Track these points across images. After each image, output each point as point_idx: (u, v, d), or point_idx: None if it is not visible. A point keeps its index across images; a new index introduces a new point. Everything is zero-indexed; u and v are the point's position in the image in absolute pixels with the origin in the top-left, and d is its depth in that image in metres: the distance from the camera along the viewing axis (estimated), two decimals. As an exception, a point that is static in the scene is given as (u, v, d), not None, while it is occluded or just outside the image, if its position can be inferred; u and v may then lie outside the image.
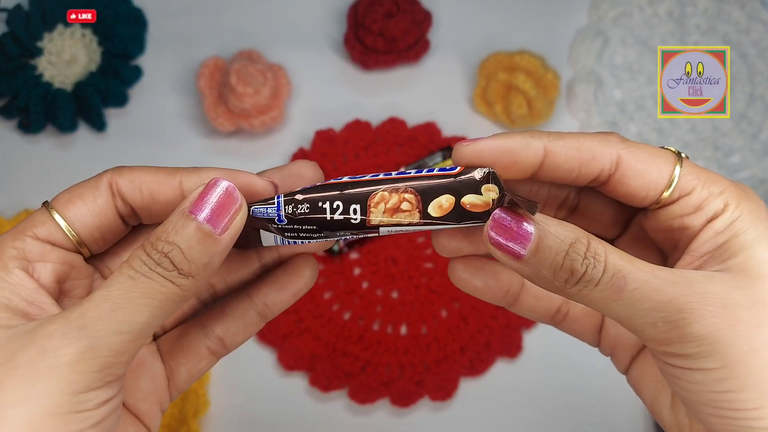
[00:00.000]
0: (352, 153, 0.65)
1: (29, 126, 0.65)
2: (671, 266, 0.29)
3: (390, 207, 0.29)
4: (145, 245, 0.27)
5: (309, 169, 0.32)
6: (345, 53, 0.68)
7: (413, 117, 0.66)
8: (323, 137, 0.65)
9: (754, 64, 0.66)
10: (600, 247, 0.27)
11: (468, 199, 0.29)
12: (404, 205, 0.29)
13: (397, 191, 0.29)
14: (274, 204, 0.30)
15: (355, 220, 0.29)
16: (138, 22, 0.68)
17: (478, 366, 0.59)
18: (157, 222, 0.31)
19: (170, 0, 0.70)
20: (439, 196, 0.29)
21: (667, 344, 0.27)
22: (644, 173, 0.29)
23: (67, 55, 0.66)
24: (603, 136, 0.29)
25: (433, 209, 0.29)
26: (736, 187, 0.29)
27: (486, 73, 0.65)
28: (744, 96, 0.66)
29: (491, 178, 0.29)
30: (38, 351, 0.25)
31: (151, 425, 0.32)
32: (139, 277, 0.27)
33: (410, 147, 0.65)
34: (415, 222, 0.29)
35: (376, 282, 0.62)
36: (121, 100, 0.66)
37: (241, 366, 0.59)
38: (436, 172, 0.29)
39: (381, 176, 0.30)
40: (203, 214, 0.28)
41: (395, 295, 0.62)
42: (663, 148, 0.30)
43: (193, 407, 0.57)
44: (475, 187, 0.29)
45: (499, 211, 0.28)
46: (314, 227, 0.30)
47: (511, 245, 0.27)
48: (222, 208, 0.28)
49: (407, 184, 0.29)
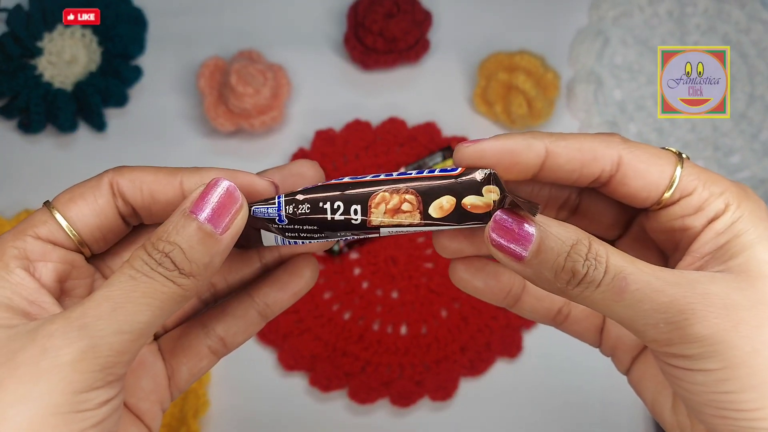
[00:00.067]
0: (352, 153, 0.65)
1: (29, 126, 0.65)
2: (672, 267, 0.29)
3: (391, 208, 0.29)
4: (146, 245, 0.27)
5: (310, 169, 0.32)
6: (345, 53, 0.68)
7: (413, 117, 0.66)
8: (323, 137, 0.65)
9: (754, 64, 0.66)
10: (601, 248, 0.27)
11: (469, 200, 0.29)
12: (405, 206, 0.29)
13: (397, 192, 0.29)
14: (274, 204, 0.30)
15: (355, 220, 0.29)
16: (138, 22, 0.68)
17: (478, 366, 0.59)
18: (157, 222, 0.31)
19: (170, 0, 0.70)
20: (439, 197, 0.29)
21: (668, 345, 0.27)
22: (645, 174, 0.29)
23: (68, 55, 0.66)
24: (604, 136, 0.29)
25: (434, 210, 0.29)
26: (737, 188, 0.29)
27: (486, 73, 0.65)
28: (744, 96, 0.66)
29: (492, 179, 0.29)
30: (39, 350, 0.25)
31: (152, 425, 0.32)
32: (141, 276, 0.27)
33: (410, 147, 0.65)
34: (415, 223, 0.29)
35: (376, 282, 0.62)
36: (121, 100, 0.66)
37: (241, 366, 0.59)
38: (437, 173, 0.29)
39: (382, 177, 0.30)
40: (204, 214, 0.28)
41: (395, 295, 0.62)
42: (664, 148, 0.30)
43: (193, 407, 0.57)
44: (476, 188, 0.29)
45: (500, 212, 0.28)
46: (315, 227, 0.30)
47: (512, 247, 0.27)
48: (223, 208, 0.28)
49: (408, 185, 0.29)
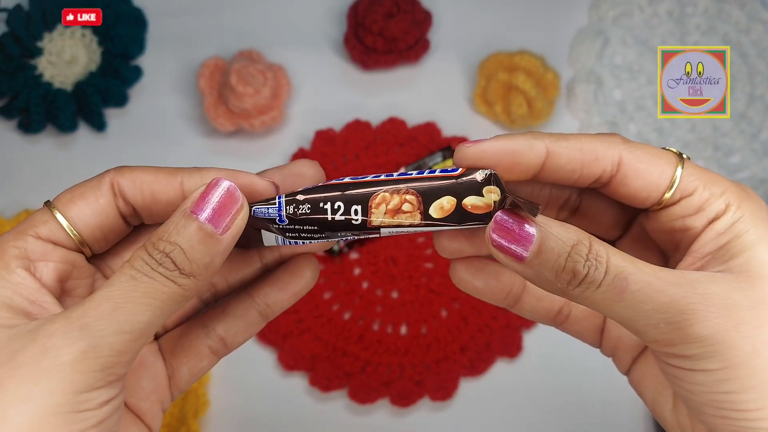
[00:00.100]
0: (352, 153, 0.65)
1: (29, 126, 0.65)
2: (673, 267, 0.29)
3: (391, 208, 0.29)
4: (146, 245, 0.27)
5: (310, 169, 0.32)
6: (345, 53, 0.68)
7: (413, 117, 0.66)
8: (323, 137, 0.65)
9: (754, 64, 0.67)
10: (602, 248, 0.27)
11: (469, 201, 0.29)
12: (405, 206, 0.29)
13: (398, 192, 0.29)
14: (275, 204, 0.30)
15: (356, 221, 0.29)
16: (138, 22, 0.68)
17: (478, 366, 0.59)
18: (158, 222, 0.31)
19: (170, 0, 0.70)
20: (440, 197, 0.29)
21: (669, 345, 0.27)
22: (646, 174, 0.29)
23: (68, 55, 0.66)
24: (605, 137, 0.29)
25: (435, 210, 0.29)
26: (738, 188, 0.29)
27: (486, 73, 0.65)
28: (744, 96, 0.66)
29: (493, 179, 0.29)
30: (40, 350, 0.25)
31: (153, 425, 0.32)
32: (141, 276, 0.27)
33: (410, 147, 0.65)
34: (416, 223, 0.29)
35: (376, 282, 0.62)
36: (121, 100, 0.66)
37: (241, 366, 0.59)
38: (437, 173, 0.29)
39: (382, 177, 0.30)
40: (205, 214, 0.28)
41: (395, 295, 0.62)
42: (664, 149, 0.30)
43: (193, 407, 0.57)
44: (476, 189, 0.29)
45: (500, 213, 0.28)
46: (315, 228, 0.30)
47: (513, 247, 0.27)
48: (223, 208, 0.28)
49: (409, 186, 0.29)
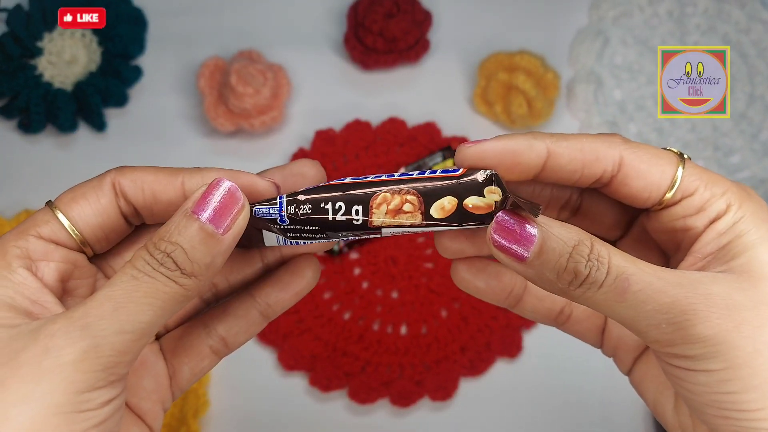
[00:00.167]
0: (352, 153, 0.65)
1: (29, 126, 0.65)
2: (674, 267, 0.29)
3: (392, 208, 0.29)
4: (148, 245, 0.27)
5: (311, 169, 0.32)
6: (345, 53, 0.68)
7: (413, 117, 0.66)
8: (323, 137, 0.65)
9: (754, 64, 0.67)
10: (603, 249, 0.27)
11: (470, 201, 0.29)
12: (406, 207, 0.29)
13: (399, 192, 0.29)
14: (276, 204, 0.30)
15: (357, 221, 0.29)
16: (138, 22, 0.68)
17: (478, 366, 0.59)
18: (159, 222, 0.31)
19: (170, 0, 0.70)
20: (441, 197, 0.29)
21: (670, 346, 0.27)
22: (647, 174, 0.29)
23: (67, 55, 0.66)
24: (605, 137, 0.29)
25: (436, 211, 0.29)
26: (739, 188, 0.29)
27: (486, 73, 0.65)
28: (744, 96, 0.66)
29: (494, 179, 0.29)
30: (41, 350, 0.25)
31: (154, 425, 0.32)
32: (142, 276, 0.27)
33: (410, 147, 0.65)
34: (417, 223, 0.29)
35: (376, 282, 0.62)
36: (121, 100, 0.66)
37: (241, 366, 0.59)
38: (438, 173, 0.29)
39: (383, 177, 0.30)
40: (206, 214, 0.28)
41: (395, 295, 0.62)
42: (665, 149, 0.30)
43: (193, 407, 0.57)
44: (477, 189, 0.29)
45: (502, 213, 0.28)
46: (316, 228, 0.30)
47: (514, 248, 0.27)
48: (224, 209, 0.28)
49: (410, 186, 0.29)
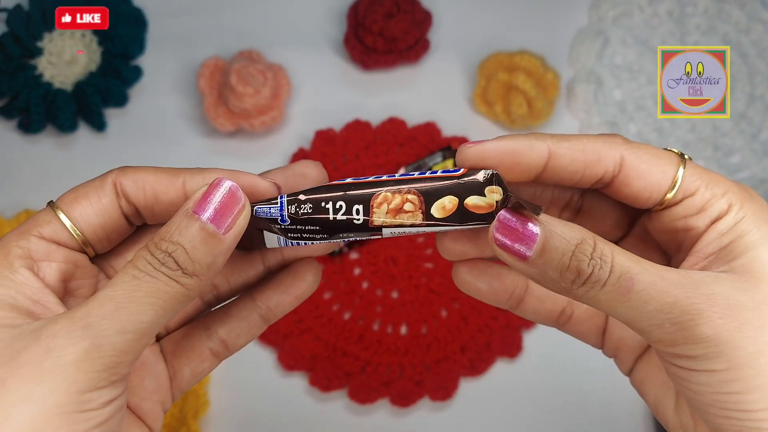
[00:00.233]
0: (352, 153, 0.65)
1: (29, 126, 0.65)
2: (675, 267, 0.29)
3: (393, 208, 0.29)
4: (149, 245, 0.27)
5: (313, 169, 0.32)
6: (345, 53, 0.68)
7: (413, 117, 0.66)
8: (323, 137, 0.65)
9: (754, 64, 0.67)
10: (606, 247, 0.27)
11: (471, 201, 0.29)
12: (407, 206, 0.29)
13: (400, 192, 0.29)
14: (277, 204, 0.30)
15: (357, 220, 0.29)
16: (138, 22, 0.68)
17: (478, 366, 0.59)
18: (161, 222, 0.31)
19: (170, 0, 0.70)
20: (442, 197, 0.29)
21: (673, 346, 0.27)
22: (648, 174, 0.29)
23: (67, 55, 0.66)
24: (606, 137, 0.29)
25: (436, 210, 0.29)
26: (740, 188, 0.29)
27: (486, 73, 0.66)
28: (744, 96, 0.66)
29: (495, 179, 0.29)
30: (43, 350, 0.25)
31: (154, 425, 0.32)
32: (144, 276, 0.27)
33: (410, 147, 0.65)
34: (417, 223, 0.29)
35: (376, 282, 0.62)
36: (121, 100, 0.66)
37: (241, 366, 0.59)
38: (439, 173, 0.29)
39: (384, 178, 0.30)
40: (207, 214, 0.28)
41: (395, 295, 0.62)
42: (666, 149, 0.30)
43: (193, 407, 0.57)
44: (478, 189, 0.29)
45: (504, 212, 0.28)
46: (317, 228, 0.30)
47: (516, 246, 0.27)
48: (225, 208, 0.28)
49: (410, 186, 0.29)
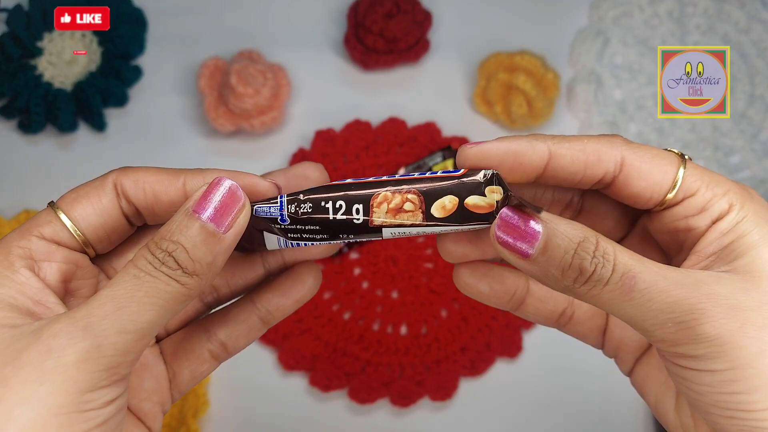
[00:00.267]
0: (352, 153, 0.65)
1: (29, 126, 0.65)
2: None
3: (393, 207, 0.29)
4: (149, 245, 0.27)
5: (314, 171, 0.32)
6: (345, 53, 0.68)
7: (413, 117, 0.66)
8: (323, 137, 0.65)
9: (754, 64, 0.67)
10: (609, 246, 0.27)
11: (472, 201, 0.29)
12: (407, 206, 0.29)
13: (400, 192, 0.29)
14: (276, 203, 0.30)
15: (357, 220, 0.29)
16: (138, 22, 0.68)
17: (478, 366, 0.59)
18: (161, 222, 0.31)
19: (170, 0, 0.70)
20: (442, 197, 0.29)
21: (676, 345, 0.27)
22: (648, 174, 0.29)
23: (67, 55, 0.66)
24: (607, 138, 0.29)
25: (437, 210, 0.29)
26: (740, 189, 0.29)
27: (486, 73, 0.66)
28: (744, 96, 0.66)
29: (495, 179, 0.29)
30: (44, 350, 0.25)
31: (153, 426, 0.32)
32: (144, 276, 0.27)
33: (410, 147, 0.65)
34: (418, 223, 0.29)
35: (376, 282, 0.62)
36: (121, 100, 0.66)
37: (241, 366, 0.59)
38: (439, 174, 0.29)
39: (384, 178, 0.30)
40: (207, 213, 0.28)
41: (395, 295, 0.62)
42: (666, 150, 0.30)
43: (192, 407, 0.57)
44: (478, 189, 0.29)
45: (506, 209, 0.28)
46: (317, 228, 0.30)
47: (518, 244, 0.27)
48: (225, 207, 0.28)
49: (410, 186, 0.29)
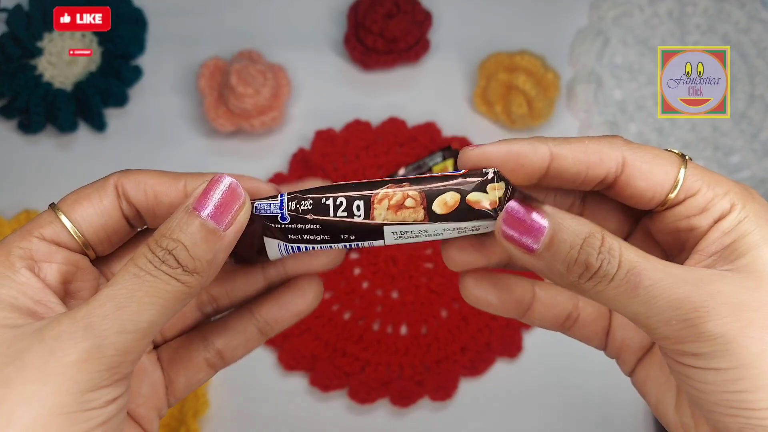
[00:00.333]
0: (352, 153, 0.65)
1: (29, 126, 0.65)
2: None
3: (394, 204, 0.29)
4: (149, 242, 0.27)
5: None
6: (345, 53, 0.68)
7: (413, 117, 0.66)
8: (323, 137, 0.65)
9: (754, 64, 0.67)
10: (614, 242, 0.27)
11: (474, 197, 0.28)
12: (408, 202, 0.29)
13: (401, 189, 0.29)
14: (277, 201, 0.30)
15: (358, 216, 0.29)
16: (138, 22, 0.68)
17: (478, 366, 0.59)
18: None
19: (170, 0, 0.70)
20: (444, 193, 0.29)
21: (680, 343, 0.27)
22: (650, 175, 0.29)
23: (67, 55, 0.66)
24: (607, 138, 0.29)
25: (438, 206, 0.29)
26: (741, 188, 0.29)
27: (486, 73, 0.66)
28: (744, 96, 0.66)
29: (497, 177, 0.28)
30: (47, 352, 0.25)
31: (150, 429, 0.32)
32: (144, 275, 0.27)
33: (410, 147, 0.65)
34: (419, 219, 0.29)
35: (376, 282, 0.62)
36: (121, 100, 0.66)
37: (241, 366, 0.58)
38: (441, 174, 0.29)
39: (385, 179, 0.29)
40: (207, 211, 0.28)
41: (395, 295, 0.62)
42: (666, 150, 0.30)
43: (192, 407, 0.57)
44: (480, 186, 0.28)
45: (513, 202, 0.27)
46: (317, 226, 0.30)
47: (524, 239, 0.27)
48: (225, 205, 0.28)
49: (412, 184, 0.29)
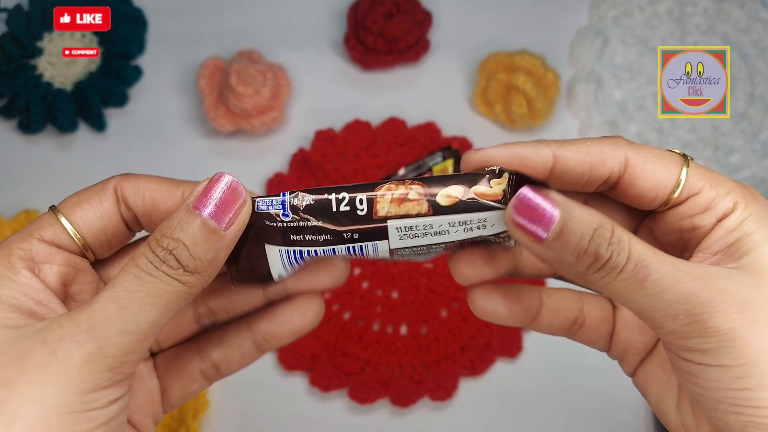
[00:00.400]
0: (352, 153, 0.65)
1: (29, 126, 0.65)
2: None
3: (398, 196, 0.29)
4: (150, 242, 0.27)
5: None
6: (345, 53, 0.68)
7: (413, 117, 0.66)
8: (323, 137, 0.65)
9: (754, 64, 0.67)
10: (624, 234, 0.27)
11: (479, 189, 0.28)
12: (412, 195, 0.29)
13: (404, 183, 0.29)
14: (279, 196, 0.29)
15: (361, 211, 0.29)
16: (138, 22, 0.68)
17: (478, 366, 0.59)
18: None
19: (170, 0, 0.70)
20: (447, 186, 0.29)
21: (685, 338, 0.27)
22: (652, 174, 0.29)
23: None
24: (609, 139, 0.29)
25: (442, 198, 0.28)
26: (742, 188, 0.29)
27: (486, 73, 0.66)
28: (744, 96, 0.66)
29: (500, 172, 0.28)
30: (49, 354, 0.25)
31: None
32: (145, 276, 0.27)
33: (410, 147, 0.65)
34: (424, 212, 0.29)
35: (376, 282, 0.62)
36: (121, 100, 0.66)
37: (242, 366, 0.59)
38: (443, 176, 0.29)
39: (385, 180, 0.29)
40: (208, 210, 0.27)
41: (395, 295, 0.62)
42: (668, 150, 0.30)
43: (192, 407, 0.57)
44: (486, 179, 0.28)
45: (525, 188, 0.27)
46: (319, 223, 0.29)
47: (534, 228, 0.27)
48: (226, 203, 0.28)
49: (416, 181, 0.29)
